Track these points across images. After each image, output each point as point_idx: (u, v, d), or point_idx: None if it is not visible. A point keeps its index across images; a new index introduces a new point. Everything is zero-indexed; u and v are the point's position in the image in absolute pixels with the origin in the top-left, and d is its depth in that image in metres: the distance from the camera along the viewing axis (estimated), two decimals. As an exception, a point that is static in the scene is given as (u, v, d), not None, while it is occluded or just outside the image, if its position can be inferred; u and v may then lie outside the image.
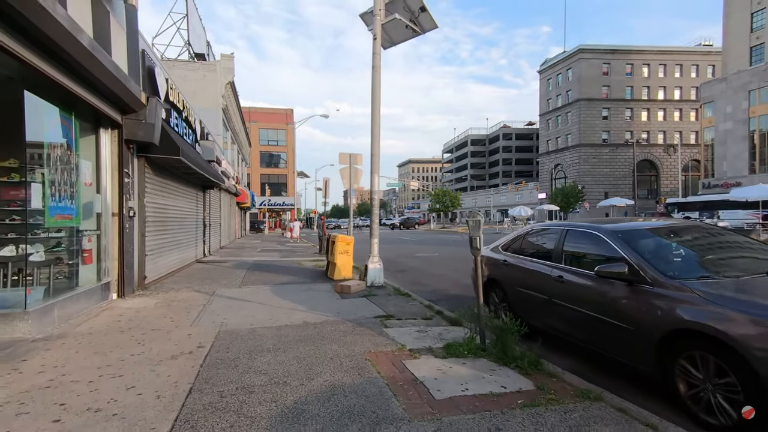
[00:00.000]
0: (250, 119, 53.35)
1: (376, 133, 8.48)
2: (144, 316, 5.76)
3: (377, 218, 8.68)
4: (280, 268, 11.84)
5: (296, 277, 10.06)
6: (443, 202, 51.01)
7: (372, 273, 8.36)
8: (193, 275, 10.22)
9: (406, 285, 8.94)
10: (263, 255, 16.68)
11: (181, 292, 7.81)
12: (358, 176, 10.60)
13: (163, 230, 9.46)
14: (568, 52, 68.61)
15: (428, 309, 6.25)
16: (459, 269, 11.58)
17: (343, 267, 9.56)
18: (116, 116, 6.70)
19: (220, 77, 22.22)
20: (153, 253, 8.67)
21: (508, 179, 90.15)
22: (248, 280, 9.44)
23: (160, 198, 9.20)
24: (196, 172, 10.70)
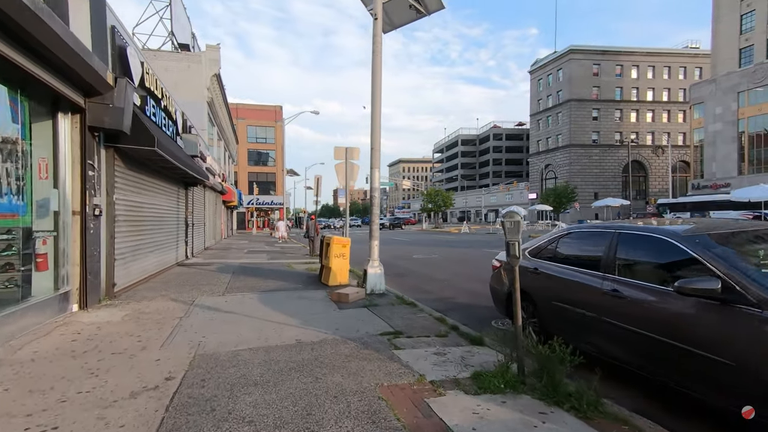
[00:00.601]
0: (238, 116, 52.03)
1: (377, 125, 7.66)
2: (106, 334, 4.84)
3: (378, 218, 7.86)
4: (268, 272, 10.93)
5: (286, 282, 9.18)
6: (435, 202, 50.40)
7: (372, 279, 7.54)
8: (172, 281, 9.25)
9: (408, 292, 8.14)
10: (250, 257, 15.71)
11: (156, 302, 6.87)
12: (354, 172, 9.75)
13: (138, 231, 8.49)
14: (558, 53, 68.70)
15: (440, 323, 5.46)
16: (463, 274, 10.83)
17: (339, 272, 8.72)
18: (78, 99, 5.75)
19: (206, 69, 21.12)
20: (125, 256, 7.70)
21: (499, 179, 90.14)
22: (233, 287, 8.53)
23: (134, 195, 8.23)
24: (176, 166, 9.73)
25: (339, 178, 9.64)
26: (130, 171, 7.99)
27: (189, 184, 14.34)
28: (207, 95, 21.31)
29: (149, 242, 9.33)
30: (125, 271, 7.71)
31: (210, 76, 21.39)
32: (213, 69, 21.52)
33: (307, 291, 8.03)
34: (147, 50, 20.40)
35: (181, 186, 13.47)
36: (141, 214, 8.69)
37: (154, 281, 9.11)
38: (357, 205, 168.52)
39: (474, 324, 5.68)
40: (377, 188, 7.76)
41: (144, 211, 8.89)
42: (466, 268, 11.91)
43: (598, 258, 3.74)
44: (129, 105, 6.37)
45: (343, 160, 9.55)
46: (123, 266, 7.59)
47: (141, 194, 8.69)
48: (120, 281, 7.39)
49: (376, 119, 7.62)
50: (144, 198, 8.91)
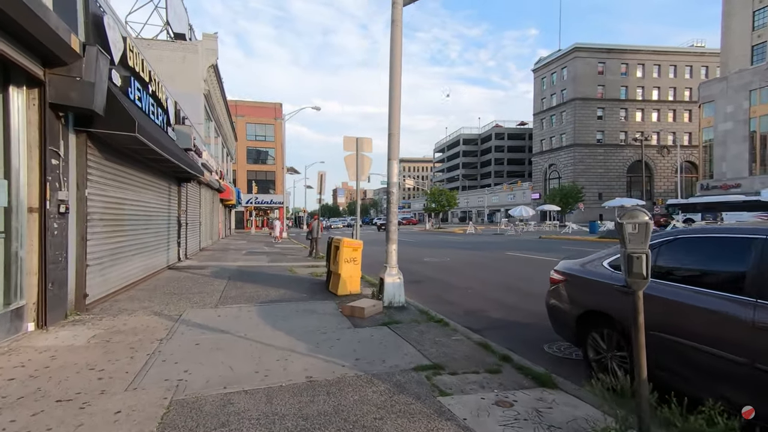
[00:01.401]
0: (237, 113, 50.97)
1: (396, 108, 6.56)
2: (60, 367, 3.74)
3: (396, 218, 6.76)
4: (268, 277, 9.83)
5: (290, 290, 8.08)
6: (439, 202, 49.15)
7: (390, 290, 6.45)
8: (160, 288, 8.14)
9: (429, 303, 7.06)
10: (249, 259, 14.60)
11: (135, 317, 5.77)
12: (366, 165, 8.65)
13: (118, 231, 7.38)
14: (563, 51, 67.68)
15: (484, 350, 4.36)
16: (486, 281, 9.73)
17: (350, 279, 7.63)
18: (35, 69, 4.64)
19: (202, 59, 19.99)
20: (101, 261, 6.59)
21: (501, 179, 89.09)
22: (228, 296, 7.43)
23: (113, 190, 7.12)
24: (165, 159, 8.63)
25: (349, 172, 8.54)
26: (109, 162, 6.88)
27: (182, 180, 13.23)
28: (204, 87, 20.19)
29: (133, 244, 8.22)
30: (102, 278, 6.60)
31: (207, 67, 20.27)
32: (210, 59, 20.39)
33: (314, 302, 6.93)
34: (140, 39, 19.27)
35: (173, 182, 12.35)
36: (122, 212, 7.58)
37: (139, 288, 8.00)
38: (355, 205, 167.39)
39: (522, 349, 4.61)
40: (395, 183, 6.67)
41: (126, 208, 7.78)
42: (487, 274, 10.82)
43: (739, 275, 2.66)
44: (102, 80, 5.26)
45: (354, 152, 8.45)
46: (99, 273, 6.48)
47: (123, 189, 7.58)
48: (94, 291, 6.28)
49: (396, 99, 6.53)
50: (127, 194, 7.80)
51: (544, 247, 19.34)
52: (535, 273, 10.88)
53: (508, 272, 11.14)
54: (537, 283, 9.25)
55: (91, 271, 6.15)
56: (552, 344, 4.89)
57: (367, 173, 8.68)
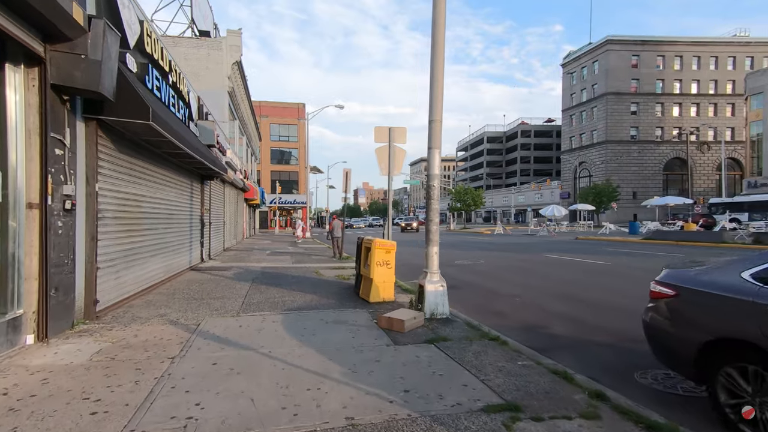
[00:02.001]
0: (261, 114, 51.22)
1: (439, 91, 5.72)
2: (49, 396, 3.09)
3: (437, 215, 5.91)
4: (293, 280, 9.17)
5: (317, 295, 7.37)
6: (464, 201, 47.60)
7: (433, 299, 5.61)
8: (179, 292, 7.58)
9: (475, 314, 6.18)
10: (273, 259, 14.05)
11: (149, 326, 5.15)
12: (399, 158, 7.84)
13: (135, 230, 6.83)
14: (594, 44, 64.96)
15: (565, 381, 3.47)
16: (532, 287, 8.73)
17: (383, 285, 6.83)
18: (34, 44, 4.06)
19: (226, 56, 19.68)
20: (115, 263, 6.04)
21: (527, 178, 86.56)
22: (251, 302, 6.77)
23: (129, 185, 6.58)
24: (185, 153, 8.08)
25: (381, 166, 7.75)
26: (123, 155, 6.32)
27: (205, 178, 12.80)
28: (228, 84, 19.88)
29: (152, 244, 7.69)
30: (115, 282, 6.04)
31: (231, 64, 19.95)
32: (234, 56, 20.07)
33: (345, 310, 6.17)
34: (166, 37, 19.14)
35: (196, 179, 11.90)
36: (140, 210, 7.04)
37: (158, 292, 7.46)
38: (378, 205, 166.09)
39: (608, 378, 3.71)
40: (437, 176, 5.82)
41: (145, 206, 7.24)
42: (532, 279, 9.81)
43: None
44: (110, 59, 4.65)
45: (386, 143, 7.65)
46: (112, 276, 5.92)
47: (140, 185, 7.04)
48: (106, 296, 5.72)
49: (438, 81, 5.68)
50: (145, 190, 7.26)
51: (585, 249, 18.02)
52: (588, 279, 9.79)
53: (556, 277, 10.08)
54: (595, 290, 8.21)
55: (103, 274, 5.59)
56: (644, 372, 3.94)
57: (400, 166, 7.88)
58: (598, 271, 11.04)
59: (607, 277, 10.13)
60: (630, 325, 5.63)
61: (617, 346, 4.81)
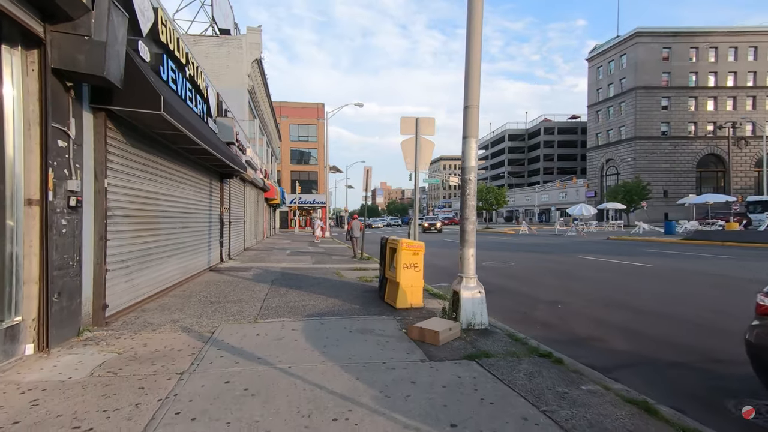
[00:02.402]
0: (281, 114, 51.50)
1: (476, 73, 5.11)
2: (34, 423, 2.65)
3: (474, 212, 5.30)
4: (314, 282, 8.71)
5: (339, 299, 6.86)
6: (487, 200, 46.35)
7: (469, 307, 5.00)
8: (195, 295, 7.21)
9: (515, 323, 5.56)
10: (293, 260, 13.68)
11: (159, 334, 4.74)
12: (427, 151, 7.24)
13: (150, 229, 6.48)
14: (622, 37, 62.52)
15: (648, 415, 2.81)
16: (574, 291, 7.99)
17: (410, 289, 6.26)
18: (33, 24, 3.68)
19: (246, 54, 19.49)
20: (127, 264, 5.68)
21: (550, 176, 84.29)
22: (270, 306, 6.32)
23: (143, 182, 6.22)
24: (202, 149, 7.73)
25: (406, 160, 7.17)
26: (136, 150, 5.97)
27: (225, 176, 12.52)
28: (248, 82, 19.70)
29: (168, 244, 7.35)
30: (127, 285, 5.68)
31: (251, 62, 19.76)
32: (254, 54, 19.87)
33: (370, 317, 5.63)
34: (187, 35, 19.10)
35: (215, 177, 11.62)
36: (155, 208, 6.69)
37: (174, 295, 7.11)
38: (396, 204, 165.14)
39: (694, 408, 3.04)
40: (473, 168, 5.20)
41: (160, 204, 6.90)
42: (572, 284, 9.04)
43: None
44: (117, 41, 4.25)
45: (413, 135, 7.06)
46: (123, 279, 5.56)
47: (155, 182, 6.69)
48: (117, 301, 5.36)
49: (475, 63, 5.07)
50: (160, 187, 6.92)
51: (620, 250, 16.96)
52: (634, 283, 8.96)
53: (597, 281, 9.28)
54: (645, 296, 7.41)
55: (113, 276, 5.22)
56: (739, 402, 3.24)
57: (428, 160, 7.27)
58: (642, 275, 10.15)
59: (654, 281, 9.25)
60: (700, 340, 4.89)
61: (691, 365, 4.09)
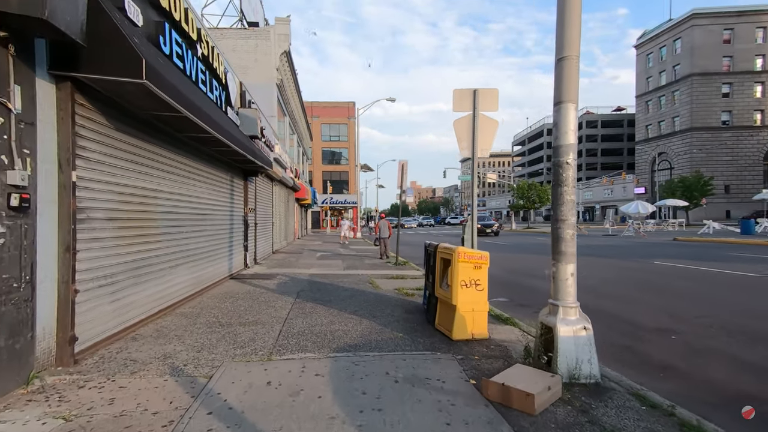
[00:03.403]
0: (312, 114, 51.09)
1: (575, 13, 3.51)
2: None
3: (573, 211, 3.70)
4: (345, 294, 7.35)
5: (376, 322, 5.44)
6: (528, 198, 43.35)
7: (572, 350, 3.41)
8: (205, 313, 6.01)
9: (623, 366, 3.91)
10: (323, 264, 12.45)
11: (139, 380, 3.49)
12: (488, 132, 5.66)
13: (145, 235, 5.32)
14: (675, 20, 57.53)
15: None
16: (678, 312, 6.14)
17: (471, 315, 4.74)
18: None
19: (275, 46, 18.53)
20: (114, 280, 4.51)
21: (593, 172, 79.46)
22: (291, 331, 4.99)
23: (136, 177, 5.06)
24: (215, 138, 6.54)
25: (461, 144, 5.64)
26: (126, 137, 4.80)
27: (249, 174, 11.44)
28: (276, 76, 18.74)
29: (173, 252, 6.20)
30: (113, 306, 4.51)
31: (279, 55, 18.79)
32: (283, 46, 18.89)
33: (421, 355, 4.16)
34: (213, 29, 18.40)
35: (238, 175, 10.55)
36: (153, 210, 5.53)
37: (179, 313, 5.94)
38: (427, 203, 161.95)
39: None
40: (572, 147, 3.61)
41: (160, 204, 5.74)
42: (672, 300, 7.17)
43: None
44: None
45: (469, 112, 5.52)
46: (107, 299, 4.38)
47: (154, 178, 5.53)
48: (97, 328, 4.18)
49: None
50: (161, 184, 5.76)
51: (701, 254, 14.53)
52: (756, 300, 6.95)
53: (702, 297, 7.35)
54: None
55: (89, 298, 4.04)
56: None
57: (490, 143, 5.69)
58: (753, 287, 8.07)
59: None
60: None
61: None
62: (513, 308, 6.66)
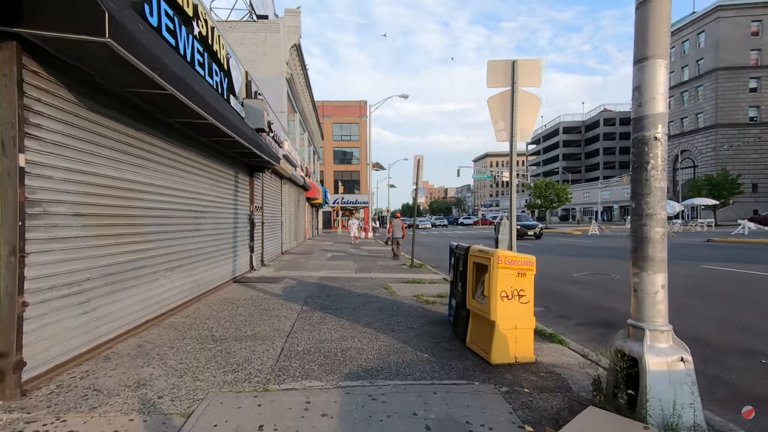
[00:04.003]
0: (323, 113, 50.59)
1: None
2: None
3: (662, 204, 2.80)
4: (358, 301, 6.53)
5: (395, 337, 4.60)
6: (546, 197, 41.75)
7: (666, 392, 2.51)
8: (198, 324, 5.25)
9: (722, 406, 2.97)
10: (333, 266, 11.66)
11: (97, 419, 2.72)
12: (529, 109, 4.73)
13: (129, 234, 4.58)
14: (698, 13, 55.36)
15: None
16: (752, 326, 5.15)
17: (513, 334, 3.87)
18: None
19: (284, 39, 17.85)
20: (83, 288, 3.77)
21: (611, 171, 77.28)
22: (295, 349, 4.18)
23: (114, 166, 4.32)
24: (210, 125, 5.80)
25: (497, 125, 4.72)
26: (100, 117, 4.06)
27: (255, 169, 10.73)
28: (286, 71, 18.05)
29: (165, 254, 5.46)
30: (82, 320, 3.75)
31: (289, 48, 18.10)
32: (292, 39, 18.20)
33: (455, 386, 3.30)
34: (222, 22, 17.81)
35: (243, 170, 9.83)
36: (137, 206, 4.79)
37: (168, 324, 5.19)
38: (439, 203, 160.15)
39: None
40: (662, 117, 2.71)
41: (146, 199, 5.00)
42: (740, 313, 6.17)
43: None
44: None
45: (507, 87, 4.63)
46: (74, 311, 3.63)
47: (137, 168, 4.79)
48: (56, 349, 3.43)
49: None
50: (149, 176, 5.02)
51: (743, 257, 13.31)
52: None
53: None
54: None
55: (43, 312, 3.29)
56: None
57: (531, 124, 4.74)
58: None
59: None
60: None
61: None
62: (552, 320, 5.76)
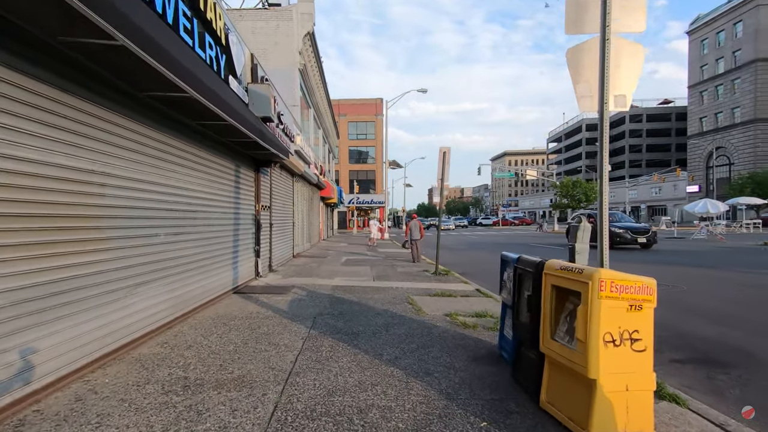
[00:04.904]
0: (339, 112, 49.61)
1: None
2: None
3: None
4: (379, 323, 5.26)
5: (432, 387, 3.32)
6: (573, 196, 39.42)
7: None
8: (172, 357, 4.08)
9: None
10: (349, 272, 10.46)
11: None
12: (632, 66, 3.30)
13: (78, 241, 3.44)
14: (735, 2, 52.08)
15: None
16: None
17: (623, 399, 2.54)
18: None
19: (297, 27, 16.75)
20: (22, 312, 2.61)
21: (638, 169, 74.10)
22: (293, 407, 2.94)
23: (62, 152, 3.17)
24: (196, 102, 4.64)
25: (579, 87, 3.34)
26: (35, 82, 2.91)
27: (261, 164, 9.60)
28: (299, 61, 16.96)
29: (139, 265, 4.32)
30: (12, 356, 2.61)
31: (302, 36, 17.00)
32: (306, 26, 17.10)
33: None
34: (231, 10, 16.84)
35: (246, 164, 8.71)
36: (98, 203, 3.64)
37: (128, 361, 4.04)
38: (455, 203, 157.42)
39: None
40: None
41: (112, 195, 3.85)
42: None
43: None
44: None
45: (595, 34, 3.27)
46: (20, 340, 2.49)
47: (96, 155, 3.64)
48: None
49: None
50: (113, 167, 3.88)
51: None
52: None
53: None
54: None
55: None
56: None
57: (632, 84, 3.35)
58: None
59: None
60: None
61: None
62: (672, 368, 4.17)
